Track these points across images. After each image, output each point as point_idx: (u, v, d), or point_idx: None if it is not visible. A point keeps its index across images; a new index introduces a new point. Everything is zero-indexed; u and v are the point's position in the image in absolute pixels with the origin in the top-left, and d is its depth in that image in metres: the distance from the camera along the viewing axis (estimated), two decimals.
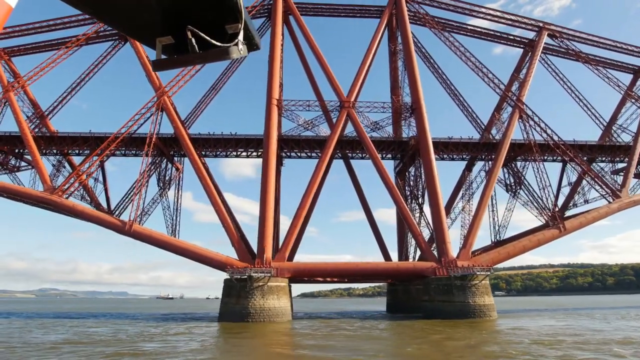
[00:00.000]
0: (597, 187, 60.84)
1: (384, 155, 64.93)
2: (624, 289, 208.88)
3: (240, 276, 44.46)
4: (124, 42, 66.30)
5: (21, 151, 63.43)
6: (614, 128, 71.08)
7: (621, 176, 67.81)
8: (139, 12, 1.89)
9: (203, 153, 63.14)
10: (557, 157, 66.41)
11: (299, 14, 64.85)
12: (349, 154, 68.51)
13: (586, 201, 64.49)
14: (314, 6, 70.15)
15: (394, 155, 69.25)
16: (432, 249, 55.59)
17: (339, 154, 67.00)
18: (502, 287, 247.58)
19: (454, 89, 70.11)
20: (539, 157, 61.17)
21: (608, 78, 69.17)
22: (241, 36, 1.96)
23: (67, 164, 66.08)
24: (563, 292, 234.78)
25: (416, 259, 65.71)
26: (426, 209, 64.59)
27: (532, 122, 61.86)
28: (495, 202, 65.65)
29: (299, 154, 65.58)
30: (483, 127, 68.39)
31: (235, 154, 65.55)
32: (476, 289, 46.47)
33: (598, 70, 69.61)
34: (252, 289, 44.16)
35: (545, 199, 58.94)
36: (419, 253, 66.74)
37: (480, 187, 64.91)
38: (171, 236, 56.22)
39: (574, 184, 67.12)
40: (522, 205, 63.17)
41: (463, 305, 45.79)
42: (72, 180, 56.03)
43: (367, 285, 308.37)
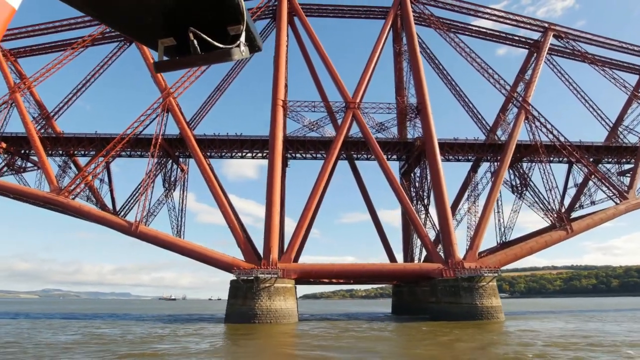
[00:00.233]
0: (603, 188, 60.51)
1: (389, 156, 64.76)
2: (629, 291, 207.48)
3: (246, 277, 44.36)
4: (129, 44, 66.37)
5: (27, 152, 63.57)
6: (620, 129, 70.71)
7: (628, 177, 67.56)
8: (141, 14, 1.90)
9: (208, 154, 63.11)
10: (563, 159, 66.16)
11: (304, 15, 64.83)
12: (354, 155, 68.41)
13: (593, 202, 64.14)
14: (319, 7, 70.19)
15: (399, 156, 69.09)
16: (438, 250, 55.37)
17: (343, 155, 66.88)
18: (506, 289, 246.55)
19: (459, 89, 69.99)
20: (545, 159, 60.93)
21: (614, 79, 68.89)
22: (243, 38, 1.96)
23: (73, 165, 66.28)
24: (567, 294, 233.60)
25: (421, 261, 65.52)
26: (431, 210, 64.72)
27: (538, 123, 61.65)
28: (501, 204, 65.49)
29: (304, 155, 65.48)
30: (488, 128, 68.17)
31: (241, 155, 65.55)
32: (483, 290, 46.23)
33: (604, 71, 69.39)
34: (258, 290, 44.04)
35: (552, 201, 58.67)
36: (424, 254, 66.59)
37: (486, 189, 64.82)
38: (176, 237, 56.17)
39: (580, 185, 66.79)
40: (528, 207, 63.00)
41: (470, 307, 45.56)
42: (78, 181, 56.10)
43: (370, 287, 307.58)
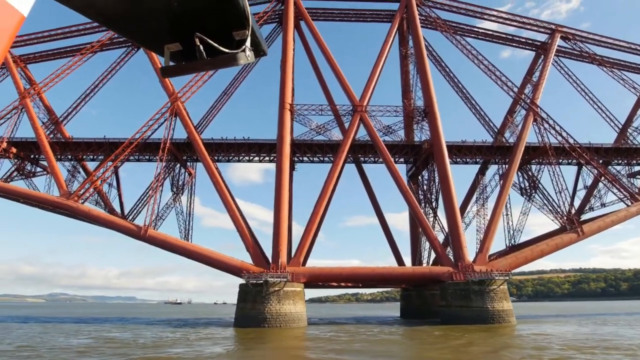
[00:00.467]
0: (614, 190, 59.92)
1: (396, 159, 64.54)
2: (639, 294, 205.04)
3: (256, 281, 44.23)
4: (137, 49, 66.90)
5: (37, 157, 64.06)
6: (629, 130, 70.12)
7: (638, 179, 66.94)
8: (147, 20, 1.91)
9: (216, 158, 63.26)
10: (572, 161, 65.63)
11: (310, 19, 64.99)
12: (361, 158, 68.29)
13: (603, 205, 63.48)
14: (325, 11, 70.44)
15: (406, 159, 68.90)
16: (447, 253, 54.93)
17: (350, 158, 66.78)
18: (513, 293, 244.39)
19: (465, 92, 69.80)
20: (554, 161, 60.47)
21: (623, 80, 68.44)
22: (248, 42, 1.96)
23: (82, 170, 66.68)
24: (575, 297, 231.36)
25: (430, 264, 65.10)
26: (439, 213, 64.32)
27: (546, 125, 61.26)
28: (509, 206, 65.00)
29: (311, 158, 65.44)
30: (496, 130, 67.88)
31: (248, 158, 65.63)
32: (494, 294, 45.79)
33: (613, 72, 68.95)
34: (268, 294, 43.89)
35: (562, 203, 58.14)
36: (432, 258, 66.19)
37: (494, 191, 64.43)
38: (184, 241, 56.20)
39: (589, 188, 66.13)
40: (537, 209, 62.44)
41: (481, 311, 45.11)
42: (87, 185, 56.39)
43: (375, 291, 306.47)
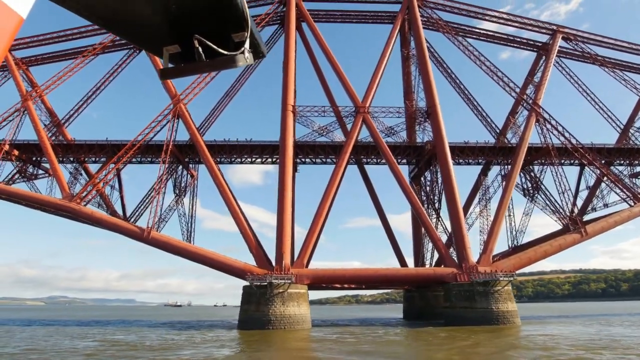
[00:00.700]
0: (617, 190, 59.89)
1: (399, 160, 64.50)
2: (639, 295, 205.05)
3: (260, 283, 44.10)
4: (139, 51, 66.83)
5: (39, 159, 63.96)
6: (631, 131, 70.16)
7: None
8: (147, 22, 1.91)
9: (218, 160, 63.19)
10: (574, 161, 65.62)
11: (312, 21, 65.01)
12: (363, 160, 68.24)
13: (606, 205, 63.46)
14: (326, 12, 70.47)
15: (409, 160, 68.88)
16: (450, 254, 54.81)
17: (353, 160, 66.73)
18: (514, 293, 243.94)
19: (467, 93, 69.83)
20: (556, 161, 60.48)
21: (625, 80, 68.54)
22: (247, 44, 1.98)
23: (84, 172, 66.54)
24: (575, 298, 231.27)
25: (433, 265, 65.00)
26: (441, 214, 64.26)
27: (549, 126, 61.30)
28: (512, 207, 64.92)
29: (314, 160, 65.40)
30: (497, 131, 67.90)
31: (250, 160, 65.57)
32: (499, 295, 45.73)
33: (614, 72, 69.04)
34: (272, 295, 43.76)
35: (565, 203, 58.12)
36: (435, 259, 66.10)
37: (497, 192, 64.41)
38: (187, 243, 56.06)
39: (591, 188, 66.13)
40: (540, 210, 62.40)
41: (486, 312, 45.02)
42: (89, 187, 56.27)
43: (376, 292, 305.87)
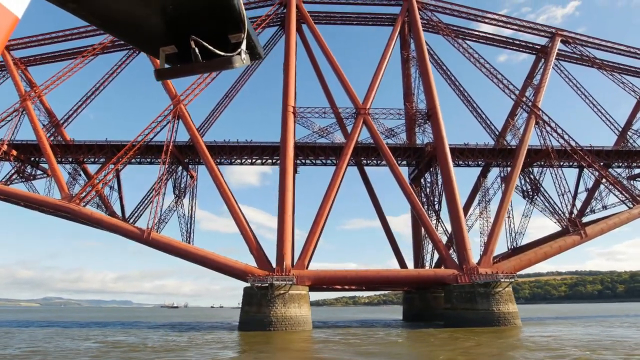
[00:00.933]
0: (616, 192, 60.24)
1: (399, 162, 64.62)
2: (635, 296, 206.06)
3: (261, 284, 43.97)
4: (138, 52, 66.62)
5: (37, 160, 63.57)
6: (629, 133, 70.64)
7: (638, 181, 67.40)
8: (143, 22, 1.92)
9: (218, 161, 63.04)
10: (573, 163, 65.95)
11: (312, 23, 65.05)
12: (363, 161, 68.29)
13: (604, 207, 63.78)
14: (326, 14, 70.50)
15: (409, 162, 68.97)
16: (450, 254, 54.87)
17: (352, 161, 66.74)
18: None
19: (467, 95, 70.05)
20: (556, 163, 60.77)
21: (623, 83, 69.04)
22: (244, 45, 1.98)
23: (82, 172, 66.21)
24: (572, 299, 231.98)
25: (432, 266, 65.08)
26: (441, 216, 64.36)
27: (548, 128, 61.60)
28: (511, 209, 65.10)
29: (314, 161, 65.38)
30: (497, 133, 68.15)
31: (251, 161, 65.48)
32: (500, 296, 45.79)
33: (613, 75, 69.51)
34: (273, 297, 43.63)
35: (565, 205, 58.37)
36: (435, 260, 66.18)
37: (497, 194, 64.62)
38: (188, 244, 55.83)
39: (590, 190, 66.46)
40: (539, 212, 62.62)
41: (487, 313, 45.07)
42: (89, 188, 55.97)
43: (373, 294, 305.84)
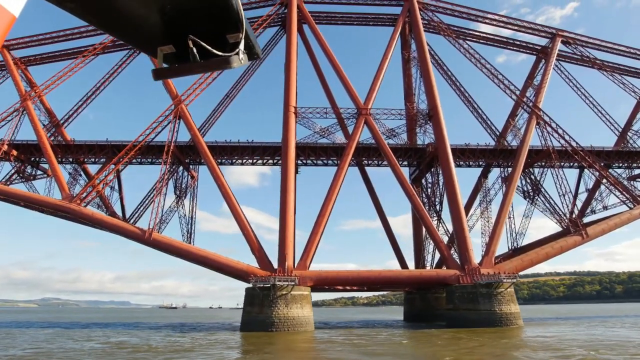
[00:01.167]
0: (616, 193, 60.35)
1: (400, 162, 64.59)
2: (633, 297, 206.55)
3: (263, 285, 43.86)
4: (139, 51, 66.39)
5: (37, 160, 63.34)
6: (629, 134, 70.78)
7: (639, 182, 67.54)
8: (141, 22, 1.92)
9: (219, 161, 62.90)
10: (573, 164, 66.07)
11: (313, 23, 64.96)
12: (364, 161, 68.24)
13: (605, 207, 63.89)
14: (327, 14, 70.48)
15: (409, 162, 68.95)
16: (451, 255, 54.86)
17: (353, 161, 66.67)
18: None
19: (467, 95, 70.10)
20: (557, 164, 60.86)
21: (623, 84, 69.22)
22: (242, 45, 1.98)
23: (83, 173, 65.97)
24: (570, 300, 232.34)
25: (433, 267, 65.07)
26: (442, 216, 64.34)
27: (549, 129, 61.69)
28: (512, 209, 65.14)
29: (315, 161, 65.31)
30: (497, 133, 68.21)
31: (252, 161, 65.36)
32: (502, 296, 45.79)
33: (613, 76, 69.69)
34: (275, 297, 43.53)
35: (566, 206, 58.46)
36: (436, 261, 66.19)
37: (498, 194, 64.68)
38: (189, 245, 55.66)
39: (590, 190, 66.55)
40: (538, 212, 62.72)
41: (489, 314, 45.07)
42: (89, 188, 55.77)
43: (372, 294, 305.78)
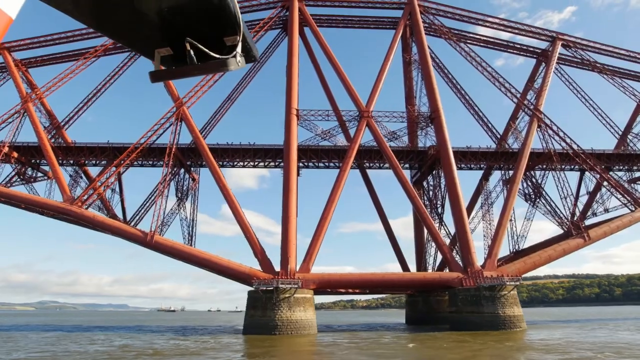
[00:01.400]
0: (618, 195, 60.44)
1: (402, 165, 64.56)
2: (632, 300, 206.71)
3: (266, 287, 43.67)
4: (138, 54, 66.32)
5: (38, 162, 63.08)
6: (629, 137, 71.03)
7: (639, 185, 67.75)
8: (139, 24, 1.91)
9: (221, 163, 62.76)
10: (574, 166, 66.22)
11: (315, 26, 65.09)
12: (365, 164, 68.21)
13: (606, 210, 64.01)
14: (328, 17, 70.65)
15: (411, 165, 68.96)
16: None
17: (355, 164, 66.64)
18: None
19: (468, 98, 70.25)
20: (558, 166, 60.98)
21: (623, 87, 69.52)
22: (239, 48, 1.98)
23: (83, 175, 65.71)
24: (569, 303, 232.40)
25: (434, 270, 64.97)
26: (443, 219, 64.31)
27: (550, 132, 61.84)
28: (513, 212, 65.16)
29: (316, 164, 65.27)
30: (498, 136, 68.34)
31: (253, 164, 65.26)
32: (505, 299, 45.71)
33: (613, 79, 69.99)
34: (278, 300, 43.33)
35: (567, 208, 58.53)
36: (437, 263, 66.09)
37: (499, 197, 64.72)
38: (191, 247, 55.42)
39: (591, 193, 66.70)
40: (542, 215, 62.70)
41: (493, 317, 44.96)
42: (91, 191, 55.52)
43: (371, 297, 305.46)
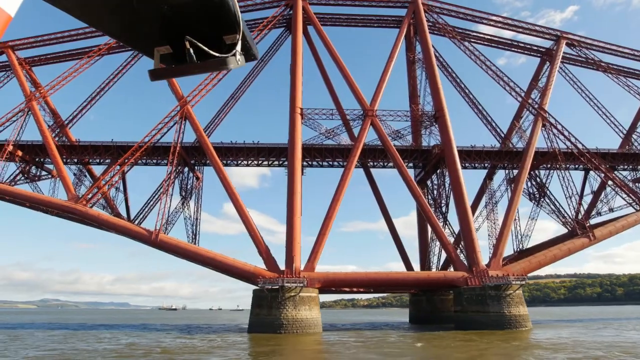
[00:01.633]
0: (623, 195, 60.30)
1: (406, 164, 64.45)
2: (634, 299, 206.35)
3: (272, 286, 43.65)
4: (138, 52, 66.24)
5: (42, 160, 63.12)
6: (634, 136, 70.79)
7: None
8: (139, 22, 1.91)
9: (225, 162, 62.73)
10: (579, 165, 66.04)
11: (319, 24, 65.00)
12: (369, 163, 68.10)
13: (611, 209, 63.83)
14: (332, 16, 70.50)
15: (415, 164, 68.86)
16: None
17: (359, 163, 66.53)
18: None
19: (472, 97, 70.11)
20: (563, 166, 60.84)
21: (628, 86, 69.30)
22: (239, 47, 1.98)
23: (87, 173, 65.74)
24: (571, 302, 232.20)
25: (438, 269, 64.89)
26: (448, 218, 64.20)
27: (555, 131, 61.68)
28: (517, 211, 65.03)
29: (320, 162, 65.20)
30: (502, 135, 68.18)
31: (257, 163, 65.23)
32: (511, 299, 45.63)
33: (618, 78, 69.76)
34: (284, 299, 43.31)
35: (572, 208, 58.40)
36: (441, 262, 66.00)
37: (504, 196, 64.63)
38: (196, 246, 55.41)
39: (596, 193, 66.50)
40: (546, 214, 62.64)
41: (498, 316, 44.88)
42: (95, 189, 55.54)
43: (372, 296, 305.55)
